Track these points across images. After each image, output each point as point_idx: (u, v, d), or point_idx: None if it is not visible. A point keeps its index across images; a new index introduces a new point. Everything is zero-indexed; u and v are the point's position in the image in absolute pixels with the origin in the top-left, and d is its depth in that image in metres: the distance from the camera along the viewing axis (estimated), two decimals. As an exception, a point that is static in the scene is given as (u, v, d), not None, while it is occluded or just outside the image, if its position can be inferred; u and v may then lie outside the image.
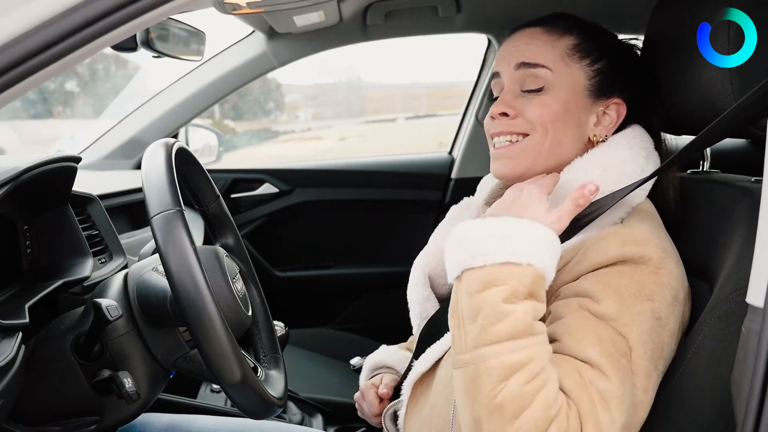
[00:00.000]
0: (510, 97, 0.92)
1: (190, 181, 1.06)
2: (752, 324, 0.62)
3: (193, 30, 1.59)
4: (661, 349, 0.76)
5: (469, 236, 0.75)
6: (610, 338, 0.74)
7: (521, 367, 0.69)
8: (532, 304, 0.72)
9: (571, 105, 0.90)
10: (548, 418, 0.68)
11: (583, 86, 0.91)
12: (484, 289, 0.72)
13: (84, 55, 0.70)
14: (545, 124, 0.89)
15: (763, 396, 0.60)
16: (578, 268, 0.80)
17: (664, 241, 0.82)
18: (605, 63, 0.92)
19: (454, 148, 2.30)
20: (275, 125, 8.51)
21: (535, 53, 0.91)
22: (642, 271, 0.78)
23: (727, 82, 0.83)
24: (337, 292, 2.27)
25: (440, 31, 2.02)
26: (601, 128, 0.91)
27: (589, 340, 0.74)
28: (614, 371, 0.72)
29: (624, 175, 0.85)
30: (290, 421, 1.54)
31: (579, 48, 0.91)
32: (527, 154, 0.90)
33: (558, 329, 0.77)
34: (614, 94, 0.92)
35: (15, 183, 0.89)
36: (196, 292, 0.78)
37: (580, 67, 0.91)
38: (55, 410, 0.91)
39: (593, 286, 0.77)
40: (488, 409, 0.69)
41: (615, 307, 0.75)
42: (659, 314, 0.77)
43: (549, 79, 0.90)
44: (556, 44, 0.91)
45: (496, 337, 0.70)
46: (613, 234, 0.80)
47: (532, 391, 0.69)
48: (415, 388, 0.93)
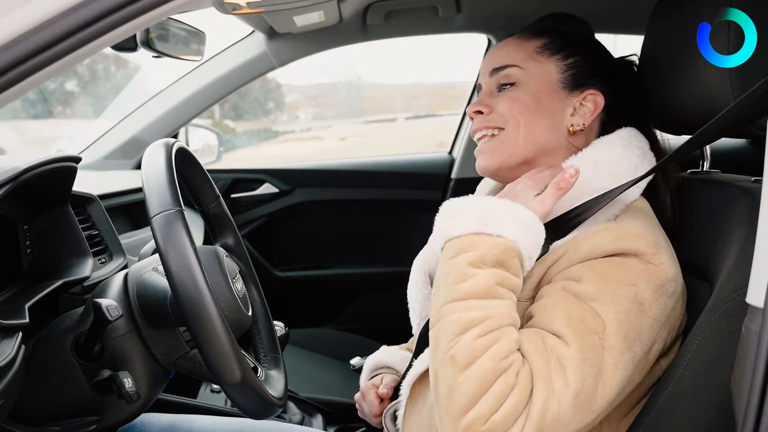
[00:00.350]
0: (485, 96, 0.97)
1: (190, 181, 1.06)
2: (752, 324, 0.62)
3: (193, 30, 1.59)
4: (638, 332, 0.77)
5: (454, 211, 0.81)
6: (581, 316, 0.76)
7: (477, 323, 0.73)
8: (499, 272, 0.76)
9: (542, 96, 0.93)
10: (497, 370, 0.71)
11: (556, 79, 0.94)
12: (456, 255, 0.78)
13: (84, 55, 0.70)
14: (515, 115, 0.92)
15: (763, 396, 0.60)
16: (569, 260, 0.81)
17: (657, 237, 0.83)
18: (578, 58, 0.95)
19: (454, 148, 2.30)
20: (275, 125, 8.51)
21: (504, 57, 0.96)
22: (632, 260, 0.80)
23: (727, 82, 0.83)
24: (337, 292, 2.27)
25: (440, 31, 2.02)
26: (578, 117, 0.93)
27: (558, 314, 0.76)
28: (576, 340, 0.74)
29: (618, 173, 0.86)
30: (290, 421, 1.55)
31: (549, 46, 0.95)
32: (504, 146, 0.93)
33: (535, 308, 0.80)
34: (590, 86, 0.94)
35: (15, 183, 0.89)
36: (196, 292, 0.78)
37: (551, 61, 0.94)
38: (55, 410, 0.91)
39: (580, 269, 0.80)
40: (443, 360, 0.74)
41: (596, 287, 0.77)
42: (641, 299, 0.77)
43: (519, 76, 0.93)
44: (525, 45, 0.96)
45: (458, 294, 0.75)
46: (605, 231, 0.82)
47: (484, 344, 0.72)
48: (414, 388, 0.93)
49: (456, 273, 0.77)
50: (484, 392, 0.70)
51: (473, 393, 0.70)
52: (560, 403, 0.71)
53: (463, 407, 0.70)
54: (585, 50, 0.96)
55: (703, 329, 0.77)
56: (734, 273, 0.77)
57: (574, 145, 0.93)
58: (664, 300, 0.79)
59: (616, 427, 0.83)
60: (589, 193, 0.85)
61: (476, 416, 0.70)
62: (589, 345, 0.74)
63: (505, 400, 0.70)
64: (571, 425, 0.73)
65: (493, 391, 0.70)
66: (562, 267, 0.82)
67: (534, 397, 0.71)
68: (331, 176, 2.27)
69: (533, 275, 0.84)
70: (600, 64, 0.96)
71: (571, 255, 0.81)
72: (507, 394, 0.70)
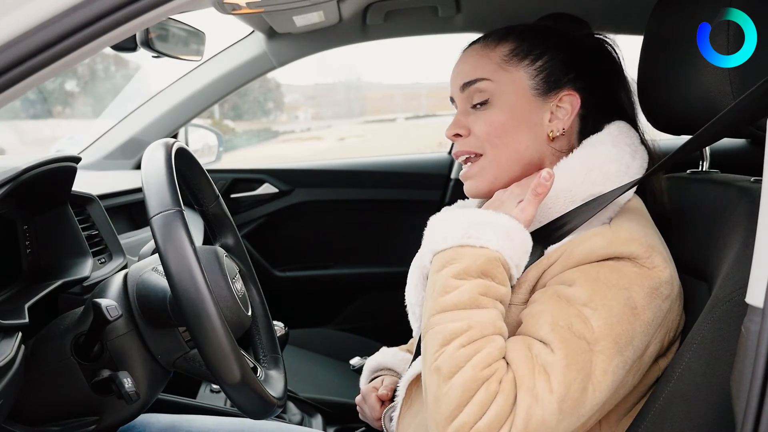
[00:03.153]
0: (461, 117, 0.94)
1: (190, 181, 1.06)
2: (752, 324, 0.62)
3: (193, 30, 1.59)
4: (629, 336, 0.76)
5: (440, 225, 0.84)
6: (568, 321, 0.76)
7: (461, 333, 0.75)
8: (484, 282, 0.78)
9: (518, 110, 0.90)
10: (479, 379, 0.72)
11: (528, 86, 0.91)
12: (442, 267, 0.80)
13: (84, 55, 0.70)
14: (494, 140, 0.91)
15: (763, 396, 0.60)
16: (564, 264, 0.81)
17: (651, 239, 0.82)
18: (547, 59, 0.91)
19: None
20: (275, 125, 8.52)
21: (471, 69, 0.93)
22: (625, 264, 0.79)
23: (727, 82, 0.83)
24: (337, 292, 2.27)
25: (440, 31, 2.01)
26: (556, 122, 0.91)
27: (545, 321, 0.77)
28: (561, 346, 0.74)
29: (611, 174, 0.85)
30: (290, 421, 1.54)
31: (516, 52, 0.92)
32: (488, 171, 0.92)
33: (525, 313, 0.81)
34: (563, 87, 0.91)
35: (15, 183, 0.89)
36: (195, 292, 0.78)
37: (520, 68, 0.91)
38: (54, 410, 0.91)
39: (573, 273, 0.80)
40: (430, 371, 0.76)
41: (588, 292, 0.77)
42: (634, 303, 0.77)
43: (492, 90, 0.91)
44: (491, 55, 0.92)
45: (442, 306, 0.78)
46: (599, 235, 0.81)
47: (466, 354, 0.74)
48: (410, 390, 0.93)
49: (441, 285, 0.79)
50: (467, 401, 0.72)
51: (457, 402, 0.72)
52: (544, 409, 0.71)
53: (449, 416, 0.72)
54: (551, 48, 0.92)
55: (703, 329, 0.77)
56: (734, 273, 0.77)
57: (557, 149, 0.91)
58: (658, 303, 0.79)
59: (615, 427, 0.83)
60: (582, 197, 0.84)
61: (461, 424, 0.71)
62: (576, 350, 0.74)
63: (489, 407, 0.71)
64: (558, 430, 0.73)
65: (476, 399, 0.72)
66: (556, 271, 0.82)
67: (518, 404, 0.72)
68: (330, 176, 2.27)
69: (528, 279, 0.84)
70: (570, 59, 0.92)
71: (565, 259, 0.81)
72: (490, 401, 0.72)
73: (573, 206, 0.84)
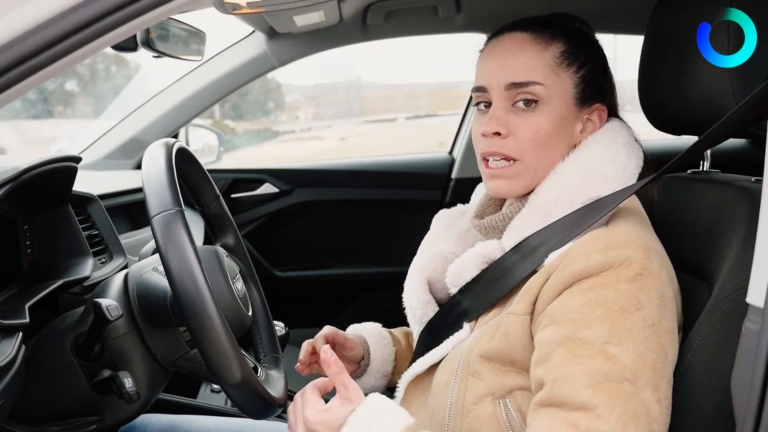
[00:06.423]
0: (501, 113, 0.88)
1: (190, 181, 1.06)
2: (752, 324, 0.62)
3: (193, 30, 1.59)
4: (663, 355, 0.74)
5: None
6: (602, 371, 0.71)
7: None
8: None
9: (561, 118, 0.88)
10: None
11: (571, 94, 0.89)
12: None
13: (84, 55, 0.70)
14: (536, 148, 0.87)
15: (763, 396, 0.60)
16: (563, 274, 0.78)
17: (648, 240, 0.80)
18: (588, 69, 0.90)
19: (454, 148, 2.30)
20: (275, 125, 8.53)
21: (525, 69, 0.87)
22: (624, 277, 0.76)
23: (727, 82, 0.83)
24: (337, 292, 2.27)
25: (440, 31, 2.02)
26: (585, 134, 0.90)
27: (580, 382, 0.71)
28: (609, 404, 0.70)
29: (608, 177, 0.85)
30: (290, 421, 1.54)
31: (566, 55, 0.88)
32: (523, 177, 0.88)
33: (546, 375, 0.74)
34: (596, 100, 0.91)
35: (15, 183, 0.89)
36: (196, 292, 0.78)
37: (568, 75, 0.88)
38: (55, 410, 0.91)
39: (581, 308, 0.75)
40: None
41: (606, 328, 0.73)
42: (651, 320, 0.74)
43: (542, 95, 0.86)
44: (545, 54, 0.88)
45: None
46: (595, 238, 0.79)
47: None
48: (409, 391, 0.93)
49: None
50: None
51: None
52: None
53: None
54: (594, 59, 0.91)
55: (703, 329, 0.77)
56: (734, 273, 0.77)
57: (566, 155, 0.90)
58: (669, 308, 0.77)
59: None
60: (581, 201, 0.84)
61: None
62: (624, 400, 0.70)
63: None
64: None
65: None
66: (558, 282, 0.78)
67: None
68: (330, 176, 2.27)
69: (531, 288, 0.81)
70: (602, 73, 0.92)
71: (565, 265, 0.79)
72: None
73: (571, 210, 0.84)
